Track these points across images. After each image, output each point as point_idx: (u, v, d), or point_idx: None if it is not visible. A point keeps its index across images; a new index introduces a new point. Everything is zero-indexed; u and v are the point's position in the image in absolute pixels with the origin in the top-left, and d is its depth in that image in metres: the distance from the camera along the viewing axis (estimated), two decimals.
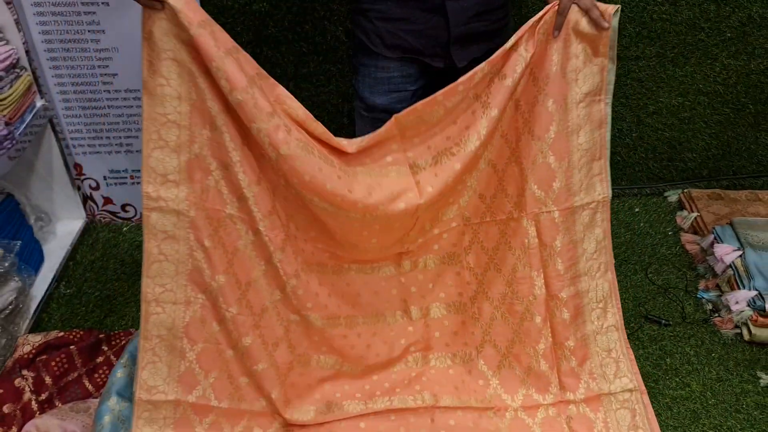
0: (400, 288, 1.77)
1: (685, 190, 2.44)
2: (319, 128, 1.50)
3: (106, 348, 1.88)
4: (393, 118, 1.53)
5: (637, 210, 2.44)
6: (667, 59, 2.25)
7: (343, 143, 1.52)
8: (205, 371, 1.62)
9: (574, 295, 1.67)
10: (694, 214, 2.33)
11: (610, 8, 1.46)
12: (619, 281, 2.14)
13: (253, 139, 1.47)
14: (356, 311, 1.74)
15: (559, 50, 1.51)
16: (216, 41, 1.37)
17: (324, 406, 1.65)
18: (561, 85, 1.53)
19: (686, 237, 2.30)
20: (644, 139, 2.42)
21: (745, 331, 1.96)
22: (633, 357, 1.74)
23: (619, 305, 1.74)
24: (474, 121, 1.55)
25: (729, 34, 2.21)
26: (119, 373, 1.70)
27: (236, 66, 1.38)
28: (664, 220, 2.40)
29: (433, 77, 1.72)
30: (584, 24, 1.48)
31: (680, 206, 2.43)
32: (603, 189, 1.63)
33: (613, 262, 1.72)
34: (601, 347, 1.70)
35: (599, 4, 1.47)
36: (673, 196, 2.48)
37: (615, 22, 1.47)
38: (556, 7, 1.47)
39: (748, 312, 1.94)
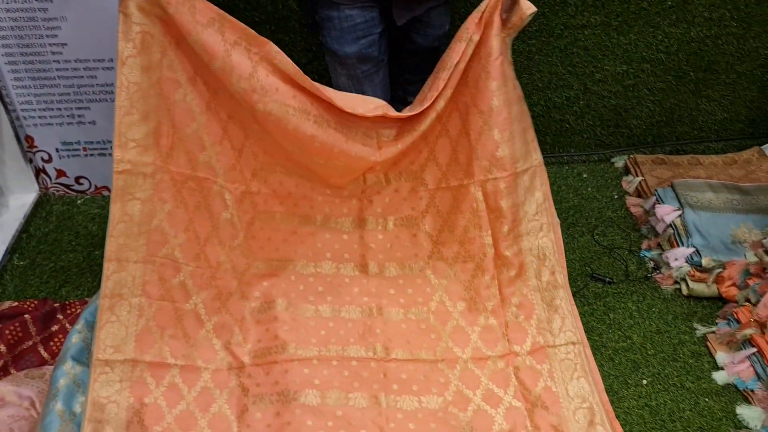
0: (360, 243, 1.89)
1: (631, 156, 2.53)
2: (308, 82, 1.61)
3: (61, 317, 1.88)
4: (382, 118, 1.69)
5: (585, 176, 2.52)
6: (612, 27, 2.32)
7: (334, 97, 1.63)
8: (161, 329, 1.68)
9: (518, 253, 1.79)
10: (639, 179, 2.42)
11: (528, 10, 1.58)
12: (566, 243, 2.23)
13: (221, 102, 1.65)
14: (314, 258, 1.86)
15: (497, 33, 1.64)
16: (195, 15, 1.50)
17: (280, 346, 1.70)
18: (501, 62, 1.66)
19: (631, 200, 2.39)
20: (591, 106, 2.49)
21: (683, 286, 2.05)
22: (577, 313, 1.83)
23: (564, 264, 1.84)
24: (434, 102, 1.70)
25: (670, 3, 2.28)
26: (74, 339, 1.71)
27: (215, 37, 1.52)
28: (611, 184, 2.49)
29: (393, 21, 1.79)
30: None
31: (626, 171, 2.52)
32: (537, 155, 1.80)
33: (558, 223, 1.85)
34: (546, 303, 1.79)
35: (522, 1, 1.58)
36: (619, 162, 2.56)
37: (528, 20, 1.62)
38: None
39: (687, 268, 2.04)
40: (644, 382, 1.82)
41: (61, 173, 2.32)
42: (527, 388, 1.69)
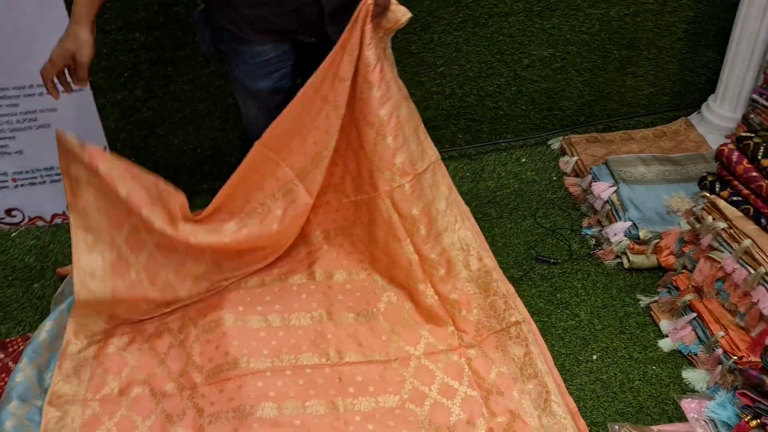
0: (307, 256, 1.93)
1: (566, 137, 2.58)
2: (222, 226, 1.81)
3: (2, 355, 1.83)
4: (256, 144, 1.74)
5: (523, 160, 2.57)
6: (534, 13, 2.36)
7: (241, 237, 1.80)
8: (116, 374, 1.74)
9: (442, 252, 1.80)
10: (575, 158, 2.47)
11: (404, 17, 1.59)
12: (509, 228, 2.28)
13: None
14: (262, 274, 1.88)
15: (371, 42, 1.61)
16: (122, 177, 1.68)
17: (231, 362, 1.68)
18: (380, 69, 1.63)
19: (569, 180, 2.44)
20: (523, 92, 2.53)
21: (624, 260, 2.11)
22: (514, 291, 1.87)
23: (488, 248, 1.88)
24: (330, 123, 1.69)
25: None
26: (18, 378, 1.67)
27: (140, 193, 1.70)
28: (549, 166, 2.53)
29: (306, 49, 1.75)
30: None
31: (562, 152, 2.57)
32: (433, 151, 1.81)
33: (468, 210, 1.89)
34: (482, 290, 1.82)
35: (394, 8, 1.57)
36: (555, 144, 2.61)
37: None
38: (370, 1, 1.56)
39: (626, 242, 2.09)
40: (594, 357, 1.86)
41: None
42: (481, 376, 1.71)
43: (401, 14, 1.58)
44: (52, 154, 2.16)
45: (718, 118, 2.53)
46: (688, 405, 1.67)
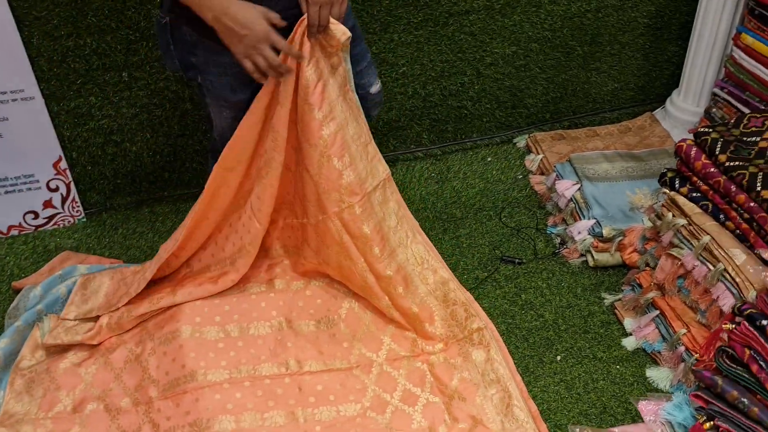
0: (267, 269, 1.90)
1: (531, 135, 2.57)
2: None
3: None
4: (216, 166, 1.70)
5: (489, 159, 2.55)
6: (495, 11, 2.34)
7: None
8: (69, 390, 1.69)
9: (398, 269, 1.77)
10: (540, 156, 2.45)
11: (343, 36, 1.55)
12: (475, 228, 2.26)
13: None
14: (218, 287, 1.82)
15: (309, 62, 1.56)
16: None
17: (188, 375, 1.65)
18: (321, 89, 1.59)
19: (534, 179, 2.42)
20: (487, 90, 2.51)
21: (589, 258, 2.10)
22: (473, 298, 1.85)
23: (441, 259, 1.87)
24: (275, 146, 1.65)
25: None
26: None
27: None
28: (515, 165, 2.52)
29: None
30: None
31: (528, 150, 2.56)
32: (384, 167, 1.77)
33: (418, 224, 1.87)
34: (440, 301, 1.80)
35: (333, 27, 1.53)
36: (521, 142, 2.59)
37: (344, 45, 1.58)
38: (306, 22, 1.52)
39: (590, 240, 2.08)
40: (558, 358, 1.85)
41: None
42: (443, 382, 1.70)
43: (340, 34, 1.53)
44: (4, 164, 2.14)
45: (683, 112, 2.53)
46: (645, 407, 1.66)
